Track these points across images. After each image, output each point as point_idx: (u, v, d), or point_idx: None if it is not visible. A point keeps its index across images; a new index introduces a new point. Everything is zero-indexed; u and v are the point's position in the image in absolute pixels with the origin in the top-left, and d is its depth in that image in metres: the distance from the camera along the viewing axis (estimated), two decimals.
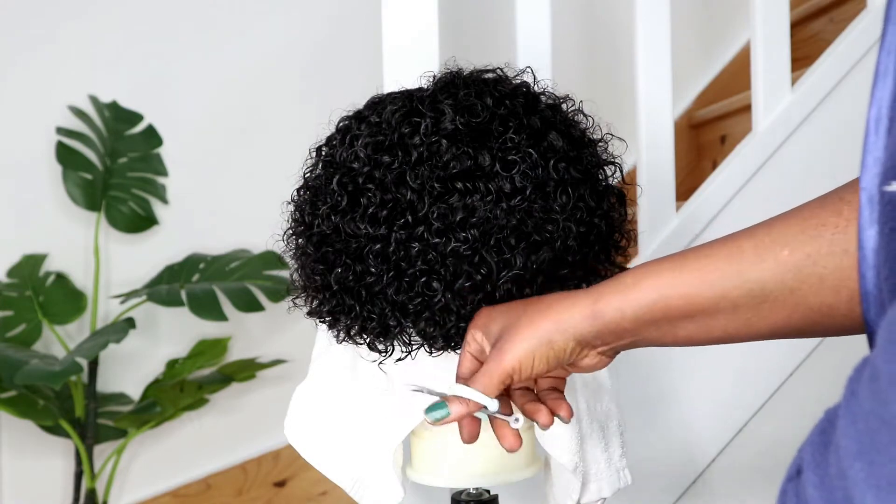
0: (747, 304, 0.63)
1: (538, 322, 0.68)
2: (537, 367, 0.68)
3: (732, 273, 0.63)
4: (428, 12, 1.20)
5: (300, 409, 0.93)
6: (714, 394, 1.35)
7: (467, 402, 0.69)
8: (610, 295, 0.67)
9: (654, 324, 0.66)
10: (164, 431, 1.85)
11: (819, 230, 0.60)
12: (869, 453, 0.35)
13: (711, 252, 0.65)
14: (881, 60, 0.39)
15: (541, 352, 0.68)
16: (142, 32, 1.86)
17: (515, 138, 0.76)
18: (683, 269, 0.65)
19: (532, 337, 0.68)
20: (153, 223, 1.82)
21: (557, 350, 0.68)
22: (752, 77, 1.42)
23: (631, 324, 0.66)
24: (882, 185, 0.38)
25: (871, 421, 0.35)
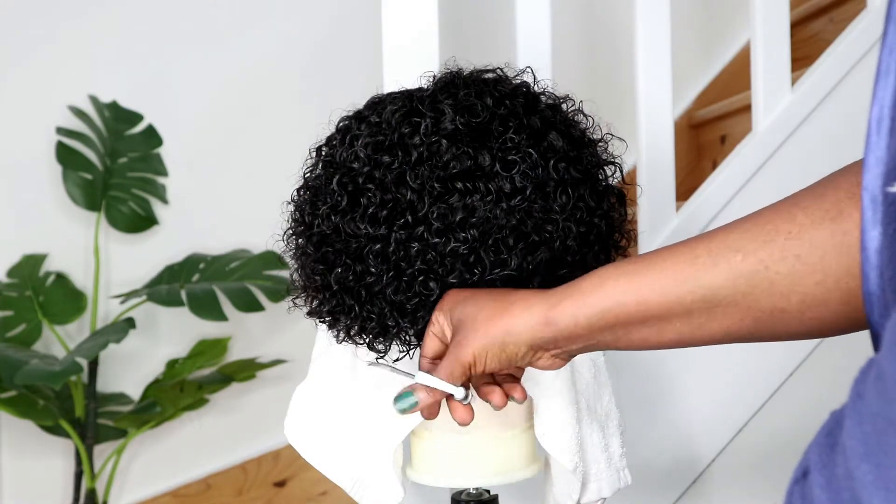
0: (700, 309, 0.64)
1: (493, 322, 0.69)
2: (489, 364, 0.70)
3: (687, 278, 0.64)
4: (428, 12, 1.20)
5: (300, 409, 0.93)
6: (714, 393, 1.35)
7: (433, 391, 0.71)
8: (565, 301, 0.68)
9: (608, 329, 0.67)
10: (164, 431, 1.85)
11: (772, 235, 0.61)
12: (876, 455, 0.35)
13: (668, 257, 0.65)
14: (882, 59, 0.39)
15: (493, 352, 0.70)
16: (142, 32, 1.86)
17: (515, 138, 0.76)
18: (639, 275, 0.66)
19: (486, 336, 0.69)
20: (153, 223, 1.82)
21: (509, 353, 0.70)
22: (752, 77, 1.42)
23: (584, 330, 0.67)
24: (885, 185, 0.38)
25: (877, 422, 0.35)
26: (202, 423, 1.88)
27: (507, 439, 0.91)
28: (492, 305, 0.71)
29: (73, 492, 1.70)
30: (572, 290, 0.68)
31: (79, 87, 1.83)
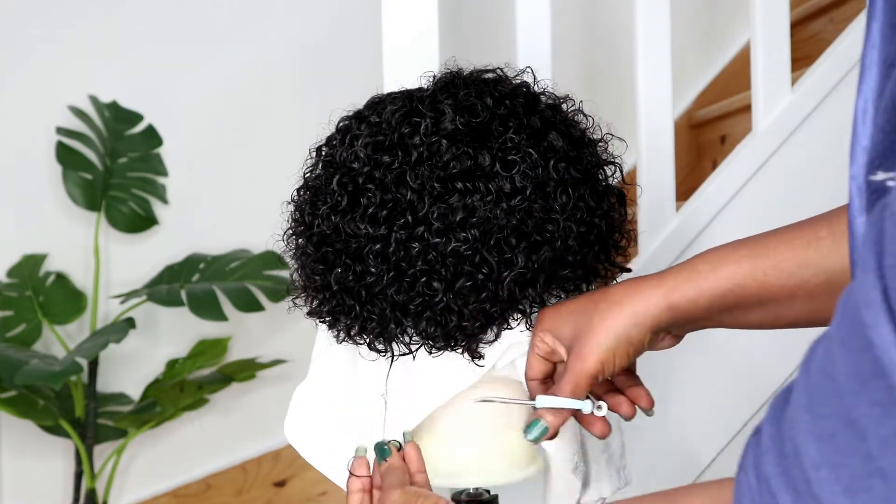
0: (823, 292, 0.63)
1: (613, 320, 0.68)
2: (619, 363, 0.69)
3: (810, 261, 0.63)
4: (428, 12, 1.20)
5: (300, 409, 0.93)
6: (715, 393, 1.35)
7: (561, 412, 0.69)
8: (684, 284, 0.67)
9: (726, 310, 0.67)
10: (164, 431, 1.85)
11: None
12: (815, 407, 0.36)
13: (789, 238, 0.64)
14: (866, 54, 0.40)
15: (621, 349, 0.69)
16: (142, 32, 1.86)
17: (515, 138, 0.76)
18: (760, 257, 0.65)
19: (610, 337, 0.68)
20: (153, 223, 1.82)
21: (636, 344, 0.69)
22: (752, 77, 1.42)
23: (705, 312, 0.67)
24: (868, 174, 0.39)
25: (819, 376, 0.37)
26: (202, 423, 1.88)
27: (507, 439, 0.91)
28: (603, 307, 0.69)
29: (73, 492, 1.70)
30: (689, 273, 0.67)
31: (79, 87, 1.83)
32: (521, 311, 0.79)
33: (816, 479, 0.36)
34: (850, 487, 0.35)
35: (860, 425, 0.34)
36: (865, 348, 0.34)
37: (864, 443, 0.34)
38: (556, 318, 0.73)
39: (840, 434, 0.35)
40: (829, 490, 0.35)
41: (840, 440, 0.35)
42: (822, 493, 0.36)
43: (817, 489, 0.36)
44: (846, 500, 0.35)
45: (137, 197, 1.81)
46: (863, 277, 0.34)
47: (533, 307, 0.79)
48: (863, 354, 0.34)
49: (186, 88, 1.88)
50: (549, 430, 0.70)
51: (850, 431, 0.34)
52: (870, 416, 0.34)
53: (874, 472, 0.34)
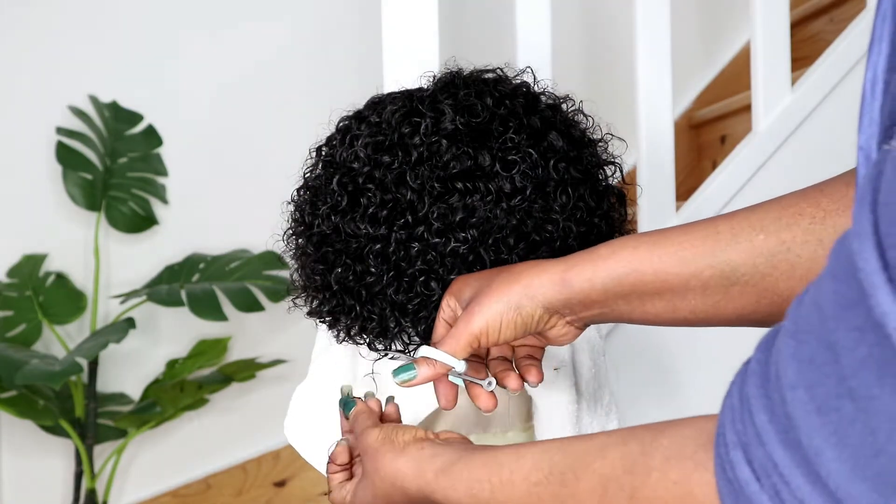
0: (717, 285, 0.63)
1: (508, 287, 0.68)
2: (504, 331, 0.69)
3: (706, 252, 0.63)
4: (428, 12, 1.20)
5: (300, 409, 0.93)
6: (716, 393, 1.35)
7: (434, 364, 0.69)
8: (582, 264, 0.67)
9: (623, 297, 0.66)
10: (164, 431, 1.85)
11: (796, 218, 0.60)
12: (799, 333, 0.38)
13: (689, 230, 0.65)
14: (876, 26, 0.41)
15: (508, 316, 0.68)
16: (142, 32, 1.86)
17: (515, 138, 0.76)
18: (659, 245, 0.65)
19: (500, 301, 0.68)
20: (153, 223, 1.82)
21: (525, 316, 0.68)
22: (752, 77, 1.42)
23: (600, 295, 0.66)
24: (881, 143, 0.39)
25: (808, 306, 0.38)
26: (202, 423, 1.88)
27: (507, 439, 0.91)
28: (503, 275, 0.70)
29: (73, 492, 1.70)
30: (589, 255, 0.67)
31: (79, 87, 1.83)
32: None
33: (792, 399, 0.37)
34: (821, 406, 0.36)
35: (837, 348, 0.36)
36: (850, 275, 0.35)
37: (839, 365, 0.35)
38: (461, 283, 0.73)
39: (818, 357, 0.36)
40: (802, 409, 0.37)
41: (818, 362, 0.36)
42: (795, 412, 0.37)
43: (791, 408, 0.37)
44: (817, 419, 0.36)
45: (137, 197, 1.81)
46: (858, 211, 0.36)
47: None
48: (848, 282, 0.35)
49: (186, 88, 1.88)
50: (416, 377, 0.69)
51: (828, 354, 0.36)
52: (847, 339, 0.35)
53: (844, 392, 0.35)
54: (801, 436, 0.37)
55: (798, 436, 0.37)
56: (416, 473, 0.61)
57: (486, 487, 0.55)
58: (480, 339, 0.69)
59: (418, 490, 0.61)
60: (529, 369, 0.73)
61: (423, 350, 0.71)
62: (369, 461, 0.66)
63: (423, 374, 0.70)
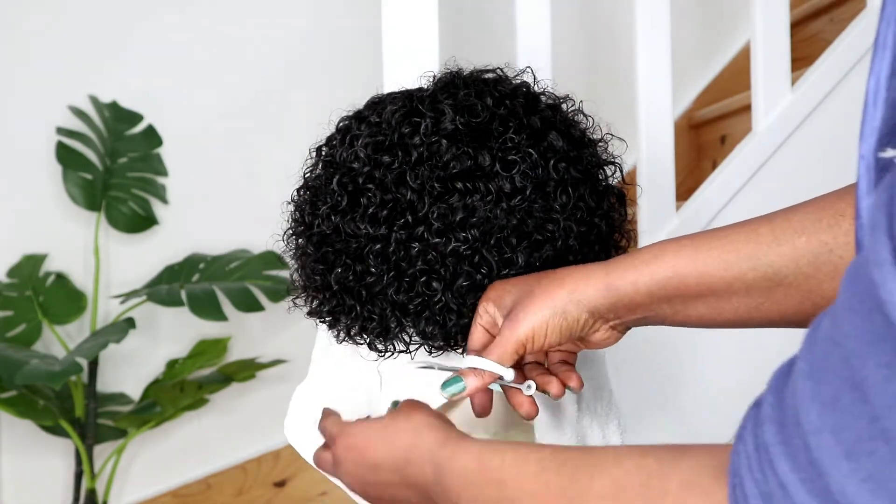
0: (761, 288, 0.63)
1: (553, 292, 0.68)
2: (550, 337, 0.68)
3: (749, 255, 0.63)
4: (428, 12, 1.20)
5: (300, 409, 0.93)
6: (716, 393, 1.35)
7: (482, 374, 0.69)
8: (626, 268, 0.67)
9: (667, 300, 0.66)
10: (164, 431, 1.85)
11: (837, 219, 0.60)
12: (817, 373, 0.36)
13: (729, 234, 0.65)
14: (880, 32, 0.40)
15: (554, 322, 0.68)
16: (142, 32, 1.86)
17: (515, 138, 0.76)
18: (701, 248, 0.65)
19: (546, 307, 0.68)
20: (153, 223, 1.82)
21: (570, 321, 0.68)
22: (752, 77, 1.42)
23: (644, 298, 0.67)
24: (878, 151, 0.39)
25: (825, 344, 0.36)
26: (202, 423, 1.88)
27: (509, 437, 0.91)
28: (546, 281, 0.69)
29: (73, 492, 1.70)
30: (632, 259, 0.68)
31: (79, 87, 1.83)
32: None
33: (816, 445, 0.35)
34: (851, 451, 0.34)
35: (865, 387, 0.33)
36: (874, 309, 0.33)
37: (868, 405, 0.33)
38: (500, 290, 0.73)
39: (843, 397, 0.34)
40: (829, 454, 0.35)
41: (843, 404, 0.34)
42: (822, 458, 0.35)
43: (817, 454, 0.35)
44: (848, 464, 0.34)
45: (137, 197, 1.81)
46: (873, 239, 0.34)
47: None
48: (871, 316, 0.33)
49: (186, 88, 1.88)
50: (465, 389, 0.69)
51: (855, 394, 0.34)
52: (876, 376, 0.33)
53: (878, 434, 0.33)
54: (830, 483, 0.35)
55: (827, 484, 0.35)
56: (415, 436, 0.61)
57: (497, 459, 0.55)
58: (527, 345, 0.69)
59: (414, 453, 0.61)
60: (570, 375, 0.73)
61: (469, 360, 0.70)
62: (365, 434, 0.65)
63: (472, 384, 0.69)
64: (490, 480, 0.54)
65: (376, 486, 0.64)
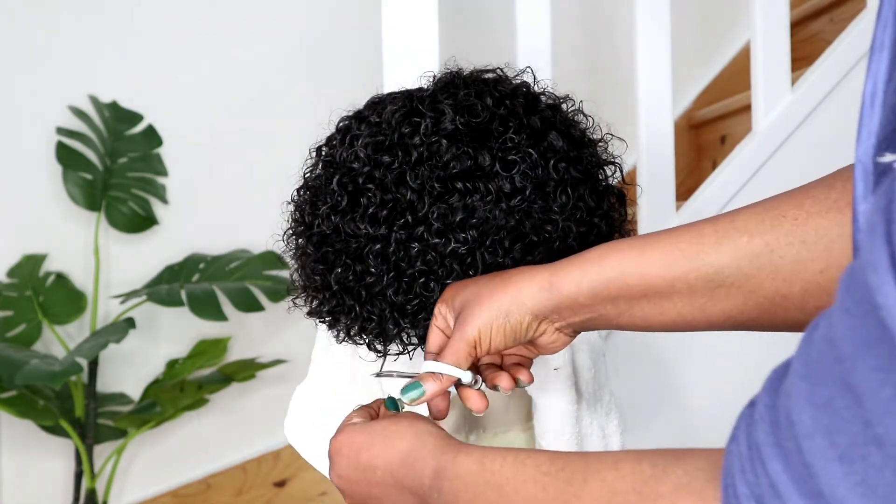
0: (703, 288, 0.63)
1: (496, 294, 0.68)
2: (495, 339, 0.69)
3: (691, 255, 0.63)
4: (428, 12, 1.20)
5: (300, 409, 0.93)
6: (716, 393, 1.35)
7: (440, 378, 0.69)
8: (570, 268, 0.67)
9: (610, 301, 0.66)
10: (164, 431, 1.85)
11: (779, 220, 0.61)
12: (812, 374, 0.36)
13: (674, 235, 0.65)
14: (877, 34, 0.40)
15: (498, 323, 0.68)
16: (142, 32, 1.86)
17: (515, 138, 0.76)
18: (645, 249, 0.65)
19: (490, 308, 0.68)
20: (153, 223, 1.82)
21: (514, 323, 0.68)
22: (752, 77, 1.42)
23: (587, 299, 0.67)
24: (876, 156, 0.39)
25: (820, 345, 0.36)
26: (202, 423, 1.88)
27: (507, 439, 0.91)
28: (493, 282, 0.70)
29: (73, 492, 1.70)
30: (576, 259, 0.68)
31: (79, 87, 1.83)
32: None
33: (809, 448, 0.35)
34: (844, 455, 0.34)
35: (859, 391, 0.33)
36: (869, 312, 0.33)
37: (862, 409, 0.33)
38: (453, 291, 0.73)
39: (837, 400, 0.34)
40: (821, 457, 0.35)
41: (836, 407, 0.34)
42: (814, 461, 0.35)
43: (809, 457, 0.35)
44: (840, 468, 0.34)
45: (137, 197, 1.81)
46: (871, 243, 0.34)
47: None
48: (866, 319, 0.33)
49: (186, 88, 1.88)
50: (424, 394, 0.69)
51: (848, 398, 0.34)
52: (870, 380, 0.33)
53: (871, 439, 0.33)
54: (822, 486, 0.35)
55: (819, 486, 0.35)
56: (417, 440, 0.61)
57: (498, 461, 0.55)
58: (476, 347, 0.69)
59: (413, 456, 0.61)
60: (519, 369, 0.73)
61: (427, 365, 0.70)
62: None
63: (431, 389, 0.69)
64: (489, 483, 0.54)
65: (366, 486, 0.64)
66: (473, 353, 0.69)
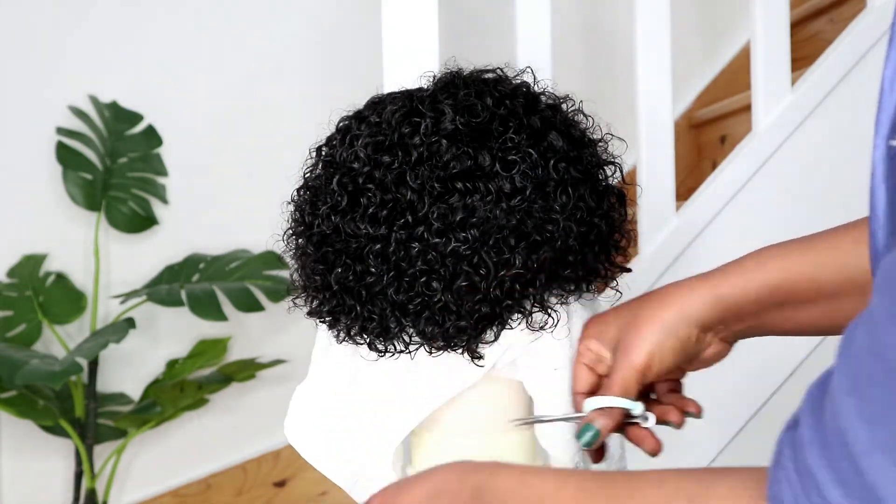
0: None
1: (660, 314, 0.67)
2: (666, 359, 0.67)
3: (860, 256, 0.62)
4: (428, 12, 1.20)
5: (300, 409, 0.93)
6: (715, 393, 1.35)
7: (610, 412, 0.67)
8: (732, 277, 0.66)
9: (777, 307, 0.65)
10: (164, 431, 1.85)
11: None
12: (860, 389, 0.34)
13: (837, 236, 0.64)
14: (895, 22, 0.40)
15: (668, 343, 0.67)
16: (142, 32, 1.86)
17: (515, 138, 0.76)
18: (809, 252, 0.64)
19: (657, 330, 0.67)
20: (153, 223, 1.82)
21: (683, 339, 0.67)
22: (752, 77, 1.42)
23: (754, 305, 0.66)
24: (889, 139, 0.38)
25: (864, 357, 0.35)
26: (202, 423, 1.88)
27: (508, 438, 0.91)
28: (649, 304, 0.68)
29: (73, 492, 1.70)
30: (736, 268, 0.67)
31: (79, 87, 1.83)
32: (522, 311, 0.79)
33: (869, 467, 0.33)
34: None
35: None
36: None
37: None
38: (599, 324, 0.72)
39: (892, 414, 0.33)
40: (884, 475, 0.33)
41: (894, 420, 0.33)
42: (877, 481, 0.33)
43: (872, 477, 0.33)
44: None
45: (137, 197, 1.81)
46: None
47: (534, 307, 0.79)
48: None
49: (186, 88, 1.88)
50: (601, 434, 0.67)
51: None
52: None
53: None
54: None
55: None
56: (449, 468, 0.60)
57: (538, 479, 0.54)
58: (646, 373, 0.67)
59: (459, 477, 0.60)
60: (687, 402, 0.72)
61: (593, 402, 0.68)
62: None
63: (605, 426, 0.67)
64: (529, 498, 0.53)
65: None
66: (641, 379, 0.67)
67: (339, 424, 0.89)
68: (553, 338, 0.80)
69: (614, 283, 0.85)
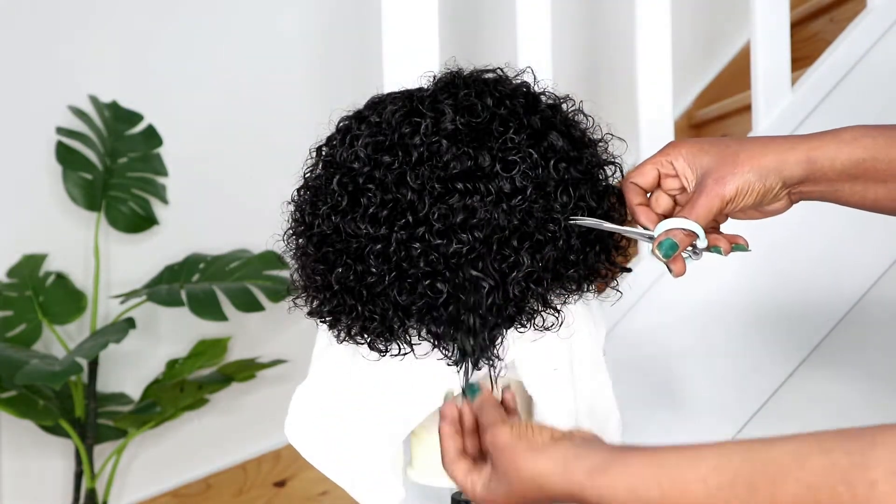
0: None
1: (759, 158, 0.73)
2: (747, 199, 0.73)
3: None
4: (428, 12, 1.20)
5: (300, 408, 0.93)
6: (715, 393, 1.35)
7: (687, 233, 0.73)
8: (825, 144, 0.72)
9: (853, 179, 0.72)
10: (164, 431, 1.85)
11: None
12: None
13: None
14: None
15: (756, 187, 0.73)
16: (142, 32, 1.86)
17: (516, 138, 0.76)
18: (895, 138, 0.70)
19: (752, 171, 0.72)
20: (153, 223, 1.82)
21: (767, 187, 0.73)
22: (752, 77, 1.42)
23: (836, 174, 0.72)
24: None
25: None
26: (202, 423, 1.88)
27: None
28: (750, 146, 0.74)
29: (73, 492, 1.70)
30: (831, 137, 0.73)
31: (79, 87, 1.83)
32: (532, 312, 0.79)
33: None
34: None
35: None
36: None
37: None
38: (695, 147, 0.77)
39: None
40: None
41: None
42: None
43: None
44: None
45: (137, 197, 1.81)
46: None
47: (541, 307, 0.79)
48: None
49: (186, 88, 1.88)
50: (678, 247, 0.73)
51: None
52: None
53: None
54: None
55: None
56: (563, 474, 0.61)
57: (654, 487, 0.55)
58: (728, 205, 0.73)
59: (564, 490, 0.61)
60: (735, 237, 0.78)
61: (671, 222, 0.74)
62: (506, 459, 0.65)
63: (682, 242, 0.73)
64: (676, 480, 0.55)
65: None
66: (723, 209, 0.74)
67: (339, 424, 0.89)
68: (556, 338, 0.80)
69: (614, 283, 0.85)
